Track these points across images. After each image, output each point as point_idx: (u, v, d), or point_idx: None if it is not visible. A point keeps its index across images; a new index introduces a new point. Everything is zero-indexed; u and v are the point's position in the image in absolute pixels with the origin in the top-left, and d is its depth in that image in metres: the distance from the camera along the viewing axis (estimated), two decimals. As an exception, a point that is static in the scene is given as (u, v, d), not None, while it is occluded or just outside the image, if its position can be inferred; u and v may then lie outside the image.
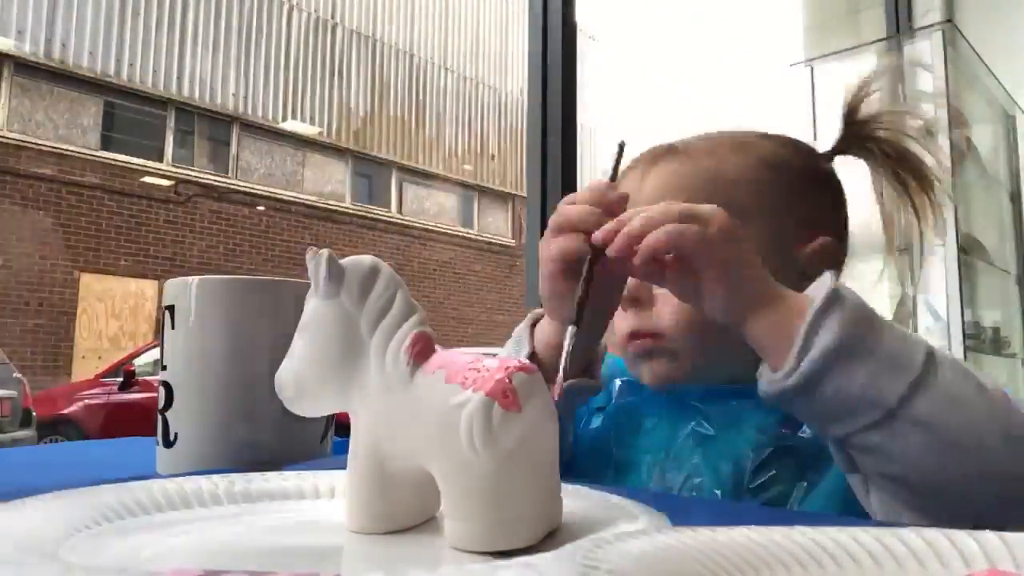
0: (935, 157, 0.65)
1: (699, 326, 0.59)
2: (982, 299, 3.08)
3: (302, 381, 0.38)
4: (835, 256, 0.64)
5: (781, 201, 0.64)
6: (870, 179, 0.68)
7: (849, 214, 0.69)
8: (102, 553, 0.32)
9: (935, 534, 0.29)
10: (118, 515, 0.37)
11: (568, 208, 0.59)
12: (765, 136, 0.68)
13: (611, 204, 0.57)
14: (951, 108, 2.77)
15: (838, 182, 0.69)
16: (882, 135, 0.66)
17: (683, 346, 0.61)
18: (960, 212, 2.69)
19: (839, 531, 0.30)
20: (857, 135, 0.67)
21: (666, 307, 0.61)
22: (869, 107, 0.66)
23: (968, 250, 2.83)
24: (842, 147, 0.68)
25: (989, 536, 0.28)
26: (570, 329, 0.51)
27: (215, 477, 0.43)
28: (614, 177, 0.60)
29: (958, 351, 2.70)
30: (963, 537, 0.29)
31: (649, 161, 0.65)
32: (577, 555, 0.26)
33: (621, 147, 0.63)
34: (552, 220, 0.61)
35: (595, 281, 0.54)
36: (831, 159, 0.68)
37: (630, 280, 0.60)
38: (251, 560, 0.34)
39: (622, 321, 0.64)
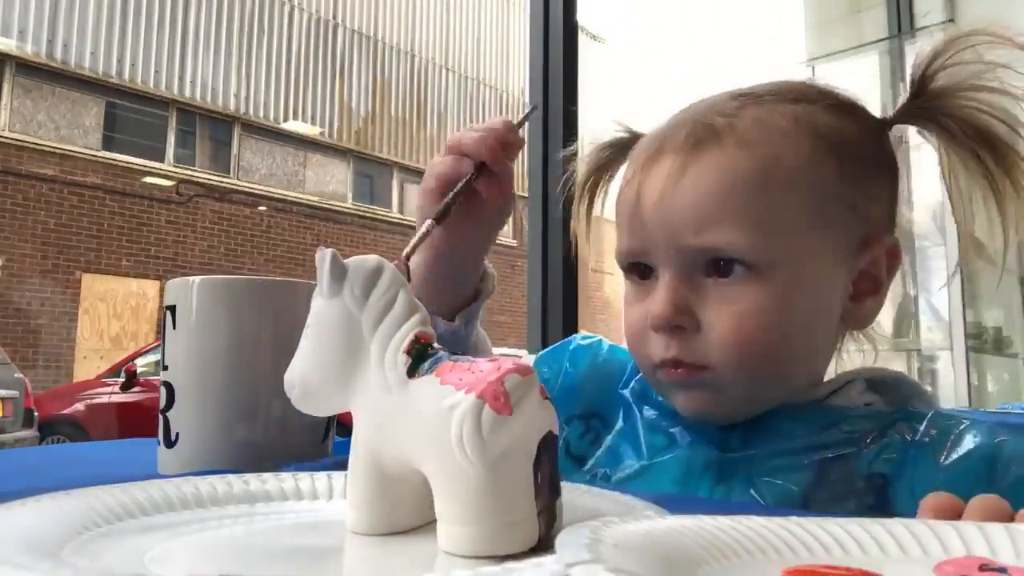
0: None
1: (754, 360, 0.53)
2: (984, 299, 3.08)
3: (307, 381, 0.38)
4: (898, 259, 0.56)
5: (843, 198, 0.55)
6: (939, 162, 0.57)
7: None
8: (105, 555, 0.32)
9: (918, 524, 0.31)
10: (118, 516, 0.37)
11: (467, 133, 0.64)
12: (822, 104, 0.57)
13: (510, 144, 0.64)
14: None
15: (895, 159, 0.59)
16: (963, 111, 0.54)
17: (732, 382, 0.53)
18: (962, 212, 2.68)
19: (830, 521, 0.31)
20: (929, 107, 0.56)
21: (715, 335, 0.53)
22: (949, 78, 0.55)
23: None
24: (905, 118, 0.57)
25: (968, 526, 0.31)
26: (428, 222, 0.59)
27: (215, 478, 0.43)
28: (520, 125, 0.65)
29: (960, 351, 2.70)
30: (943, 527, 0.31)
31: (689, 148, 0.54)
32: (583, 532, 0.27)
33: (533, 108, 0.72)
34: (449, 140, 0.66)
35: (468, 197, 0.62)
36: (888, 127, 0.58)
37: (668, 303, 0.53)
38: (252, 561, 0.34)
39: (655, 345, 0.55)
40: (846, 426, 0.54)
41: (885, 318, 0.62)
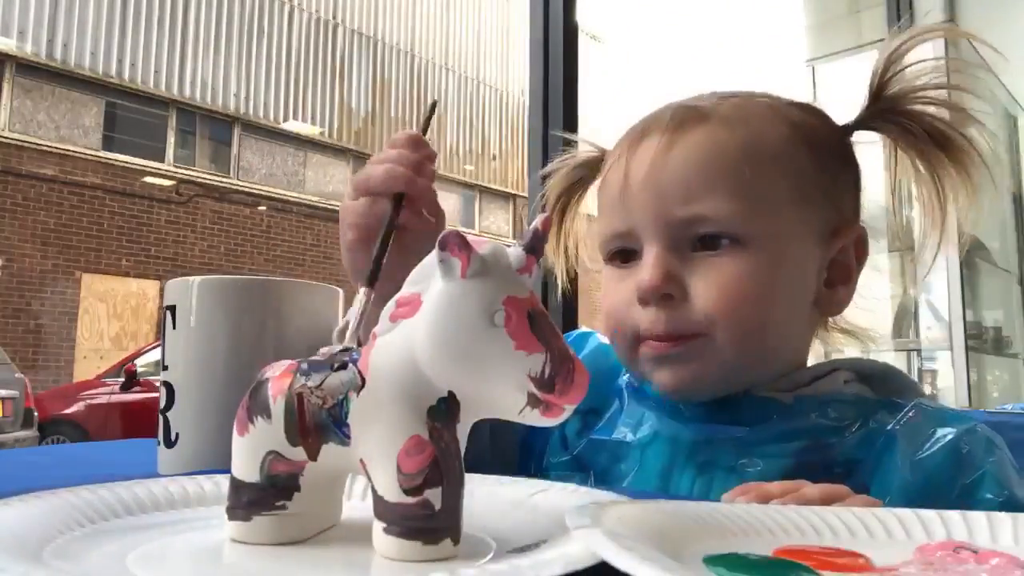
0: (978, 134, 0.56)
1: (742, 327, 0.53)
2: (984, 299, 3.08)
3: None
4: (865, 250, 0.58)
5: (819, 184, 0.56)
6: (884, 161, 0.60)
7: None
8: (88, 554, 0.32)
9: (906, 512, 0.33)
10: (103, 516, 0.36)
11: (374, 169, 0.55)
12: (790, 103, 0.60)
13: (419, 163, 0.56)
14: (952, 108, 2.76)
15: (856, 160, 0.61)
16: (917, 109, 0.57)
17: (721, 350, 0.53)
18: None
19: (822, 508, 0.33)
20: (887, 109, 0.59)
21: (702, 303, 0.53)
22: (903, 80, 0.58)
23: (970, 250, 2.83)
24: (865, 121, 0.60)
25: (951, 514, 0.33)
26: (362, 291, 0.47)
27: (216, 476, 0.42)
28: (425, 131, 0.58)
29: (960, 351, 2.70)
30: (928, 514, 0.33)
31: (674, 128, 0.56)
32: (588, 507, 0.28)
33: (433, 105, 0.61)
34: (354, 180, 0.56)
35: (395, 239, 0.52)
36: (851, 133, 0.61)
37: (658, 271, 0.53)
38: (240, 561, 0.33)
39: (641, 318, 0.55)
40: (831, 412, 0.55)
41: (885, 318, 0.63)
